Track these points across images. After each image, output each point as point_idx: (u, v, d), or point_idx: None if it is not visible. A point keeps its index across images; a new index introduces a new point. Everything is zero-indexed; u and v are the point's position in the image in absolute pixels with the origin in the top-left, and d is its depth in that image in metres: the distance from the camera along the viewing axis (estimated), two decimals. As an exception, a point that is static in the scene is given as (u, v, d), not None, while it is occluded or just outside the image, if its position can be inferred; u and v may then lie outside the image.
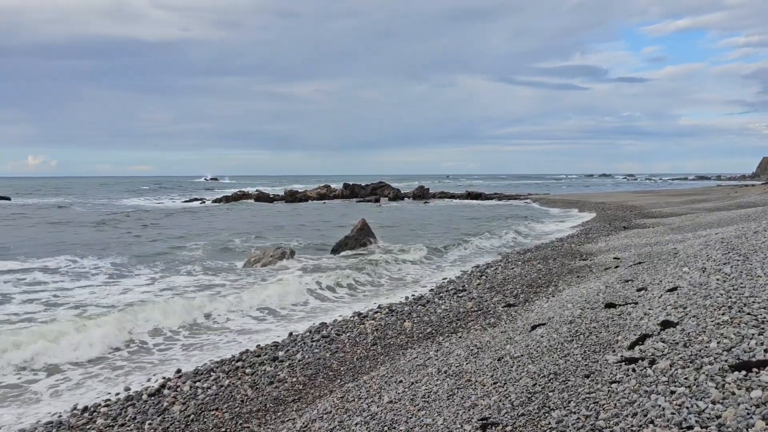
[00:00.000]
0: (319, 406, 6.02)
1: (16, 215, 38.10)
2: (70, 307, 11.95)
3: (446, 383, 5.55)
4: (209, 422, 6.24)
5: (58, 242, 22.91)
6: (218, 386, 7.34)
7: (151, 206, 49.39)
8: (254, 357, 8.48)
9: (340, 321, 10.41)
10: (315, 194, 57.10)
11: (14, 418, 6.76)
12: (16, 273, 15.89)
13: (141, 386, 7.59)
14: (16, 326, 10.37)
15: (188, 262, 17.86)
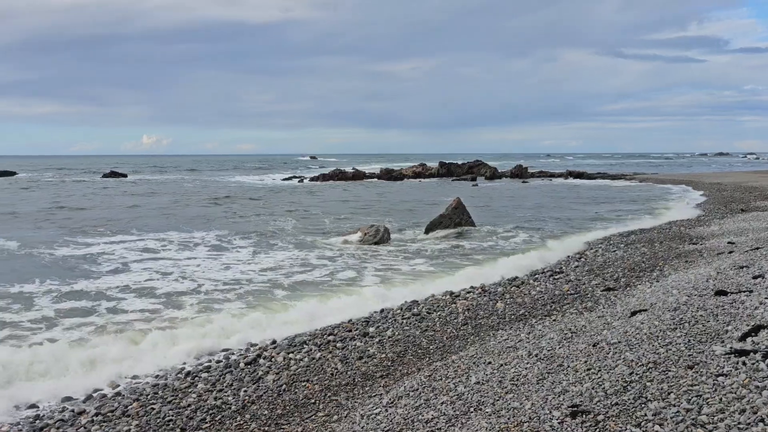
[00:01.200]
0: (406, 383, 6.02)
1: (132, 191, 40.91)
2: (184, 279, 12.67)
3: (536, 367, 5.37)
4: (300, 393, 6.41)
5: (167, 216, 24.38)
6: (310, 358, 7.53)
7: (253, 183, 51.42)
8: (345, 332, 8.61)
9: (431, 299, 10.35)
10: (410, 173, 57.18)
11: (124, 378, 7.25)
12: (129, 243, 17.07)
13: (239, 355, 7.91)
14: (142, 300, 11.16)
15: (284, 238, 18.43)
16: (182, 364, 7.68)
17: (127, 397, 6.60)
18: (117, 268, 13.89)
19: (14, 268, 13.63)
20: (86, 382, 7.07)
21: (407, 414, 4.97)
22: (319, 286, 11.98)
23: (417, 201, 32.11)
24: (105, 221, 22.62)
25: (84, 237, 18.54)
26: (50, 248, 16.40)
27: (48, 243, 17.26)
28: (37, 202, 31.43)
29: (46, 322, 9.49)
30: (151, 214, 25.28)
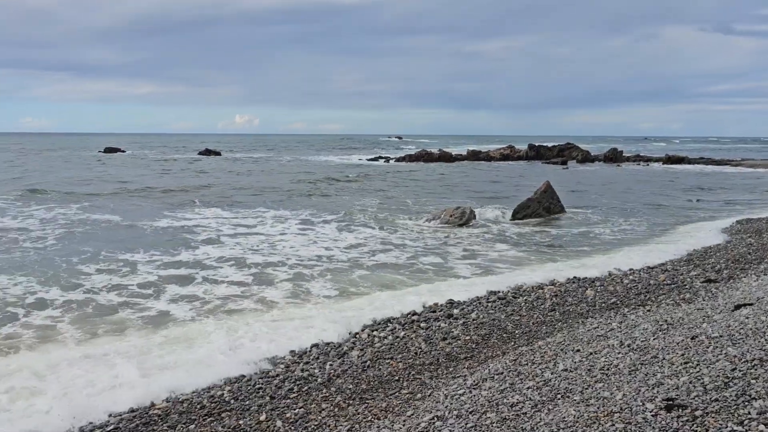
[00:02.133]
0: (490, 366, 5.96)
1: (226, 168, 42.59)
2: (274, 254, 13.12)
3: (629, 357, 5.17)
4: (384, 370, 6.49)
5: (258, 193, 25.22)
6: (394, 337, 7.60)
7: (339, 163, 52.20)
8: (430, 312, 8.63)
9: (518, 284, 10.18)
10: (498, 154, 56.17)
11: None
12: (223, 218, 17.83)
13: (326, 330, 8.10)
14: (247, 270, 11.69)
15: (369, 217, 18.63)
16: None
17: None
18: (212, 239, 14.62)
19: (121, 239, 14.60)
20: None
21: (491, 396, 4.93)
22: (401, 267, 12.04)
23: (504, 184, 31.55)
24: (200, 197, 23.71)
25: (182, 211, 19.53)
26: (151, 220, 17.40)
27: (149, 216, 18.33)
28: (142, 179, 33.34)
29: (153, 287, 10.27)
30: (242, 191, 26.24)
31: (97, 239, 14.46)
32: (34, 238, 14.52)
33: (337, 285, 10.48)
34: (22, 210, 19.32)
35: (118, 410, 5.69)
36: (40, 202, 21.21)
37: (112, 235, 15.07)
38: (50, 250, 13.18)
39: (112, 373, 6.51)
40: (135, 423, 5.42)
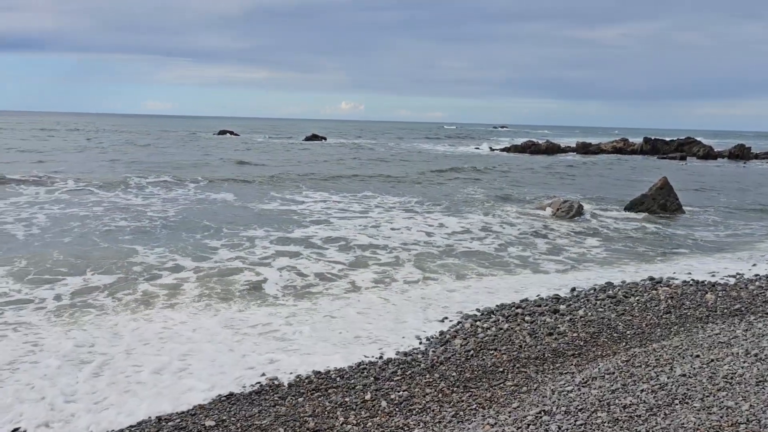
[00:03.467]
0: (600, 365, 5.77)
1: (331, 153, 43.64)
2: (377, 237, 13.36)
3: (756, 367, 4.83)
4: (487, 360, 6.45)
5: (364, 180, 25.65)
6: (497, 328, 7.52)
7: (443, 151, 51.99)
8: (534, 306, 8.46)
9: (629, 283, 9.76)
10: (610, 147, 53.75)
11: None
12: (329, 202, 18.33)
13: (429, 316, 8.17)
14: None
15: (473, 206, 18.45)
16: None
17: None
18: (319, 220, 15.16)
19: (236, 215, 15.45)
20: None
21: (602, 396, 4.77)
22: (505, 257, 11.87)
23: (616, 178, 30.18)
24: (308, 180, 24.47)
25: (290, 194, 20.26)
26: (261, 202, 18.21)
27: (260, 197, 19.17)
28: (252, 161, 34.87)
29: (271, 259, 11.15)
30: (348, 176, 26.81)
31: (216, 216, 15.39)
32: (160, 214, 15.61)
33: (437, 271, 10.51)
34: (146, 189, 20.81)
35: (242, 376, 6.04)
36: (162, 183, 22.73)
37: (228, 213, 15.94)
38: (175, 224, 14.26)
39: (236, 339, 6.93)
40: (248, 390, 5.72)
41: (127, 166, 27.76)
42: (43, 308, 8.07)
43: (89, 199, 17.47)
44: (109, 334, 7.10)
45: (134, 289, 9.05)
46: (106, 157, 33.53)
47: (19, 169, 23.55)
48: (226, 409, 5.31)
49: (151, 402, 5.42)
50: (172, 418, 5.15)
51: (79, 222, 14.04)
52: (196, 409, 5.33)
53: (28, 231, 12.93)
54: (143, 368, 6.16)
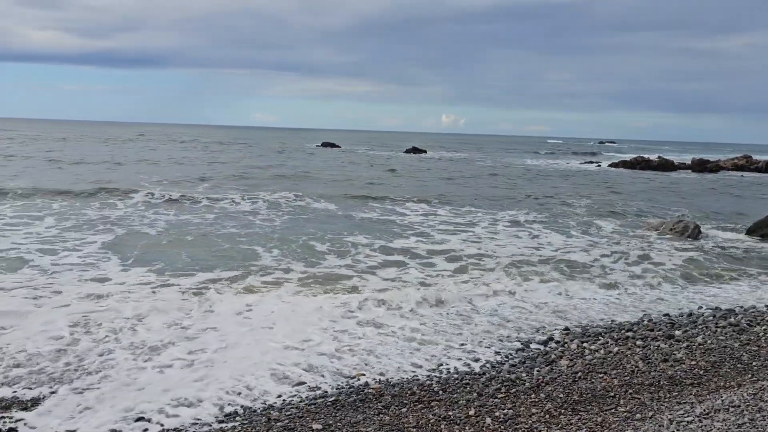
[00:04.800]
0: (724, 397, 5.38)
1: (432, 166, 43.75)
2: (479, 250, 13.25)
3: None
4: (597, 383, 6.19)
5: (466, 191, 25.50)
6: (606, 351, 7.22)
7: (545, 166, 50.71)
8: (646, 330, 8.06)
9: (753, 311, 9.07)
10: (730, 165, 50.27)
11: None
12: (432, 215, 18.36)
13: (529, 334, 7.97)
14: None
15: (577, 221, 17.83)
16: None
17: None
18: (422, 232, 15.30)
19: (339, 225, 15.86)
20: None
21: (727, 429, 4.45)
22: (611, 275, 11.40)
23: (737, 198, 28.16)
24: (407, 192, 24.66)
25: (392, 204, 20.49)
26: (362, 211, 18.57)
27: (361, 207, 19.53)
28: (353, 172, 35.63)
29: (378, 268, 11.58)
30: (450, 189, 26.77)
31: (319, 223, 15.91)
32: (267, 222, 16.29)
33: (537, 289, 10.23)
34: (252, 195, 21.79)
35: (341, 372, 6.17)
36: (263, 189, 23.70)
37: (331, 221, 16.40)
38: (282, 229, 14.99)
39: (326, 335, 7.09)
40: (353, 398, 5.81)
41: (229, 175, 29.25)
42: (185, 291, 9.33)
43: (200, 207, 18.52)
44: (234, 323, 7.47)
45: (257, 281, 10.06)
46: (212, 167, 35.49)
47: (140, 179, 25.41)
48: (332, 414, 5.42)
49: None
50: (280, 418, 5.33)
51: (194, 227, 14.93)
52: (303, 411, 5.48)
53: (156, 232, 13.96)
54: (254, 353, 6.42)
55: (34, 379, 5.98)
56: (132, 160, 37.19)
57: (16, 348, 6.68)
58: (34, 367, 6.24)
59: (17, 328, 7.29)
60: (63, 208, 16.75)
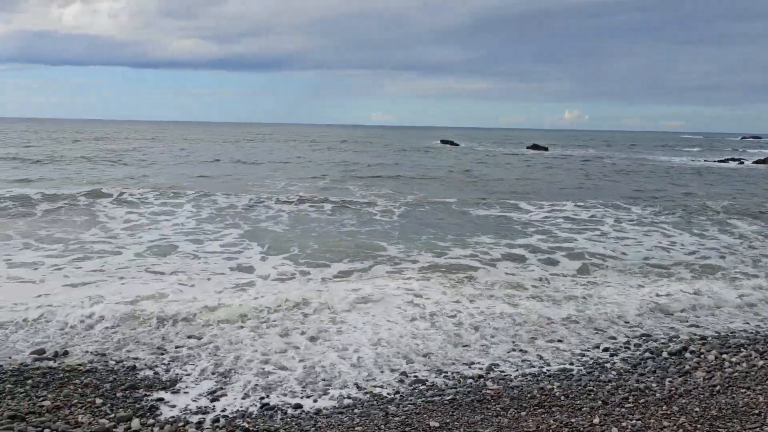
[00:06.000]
0: None
1: (553, 164, 42.33)
2: (603, 248, 12.66)
3: None
4: (738, 399, 5.67)
5: (591, 189, 24.41)
6: (749, 365, 6.63)
7: (680, 163, 47.37)
8: (799, 344, 7.29)
9: None
10: None
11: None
12: (556, 211, 17.75)
13: (660, 342, 7.48)
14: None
15: (715, 221, 16.48)
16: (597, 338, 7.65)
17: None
18: (545, 230, 14.98)
19: (458, 223, 15.80)
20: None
21: None
22: (751, 281, 10.42)
23: None
24: (527, 189, 24.05)
25: (514, 201, 20.06)
26: (480, 208, 18.35)
27: (477, 204, 19.31)
28: (473, 169, 35.28)
29: (497, 259, 11.77)
30: (574, 186, 25.82)
31: (440, 220, 16.05)
32: (386, 217, 16.55)
33: (671, 293, 9.52)
34: (371, 193, 22.20)
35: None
36: (383, 187, 24.04)
37: (452, 218, 16.39)
38: (402, 226, 15.25)
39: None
40: (470, 398, 5.74)
41: (351, 173, 29.96)
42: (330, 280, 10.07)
43: (322, 204, 19.15)
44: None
45: (383, 271, 10.52)
46: (334, 166, 36.55)
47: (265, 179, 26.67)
48: (449, 413, 5.39)
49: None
50: (398, 413, 5.36)
51: (316, 223, 15.47)
52: (420, 408, 5.49)
53: (282, 229, 14.65)
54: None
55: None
56: (262, 160, 39.26)
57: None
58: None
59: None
60: (200, 203, 17.96)
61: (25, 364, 6.14)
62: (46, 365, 6.13)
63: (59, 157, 35.63)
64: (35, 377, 5.81)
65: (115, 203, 17.38)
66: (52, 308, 7.76)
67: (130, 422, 4.98)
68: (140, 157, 37.33)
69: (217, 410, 5.34)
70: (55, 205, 16.56)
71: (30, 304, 8.00)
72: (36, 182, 22.49)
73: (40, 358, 6.31)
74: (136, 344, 6.83)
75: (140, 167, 30.73)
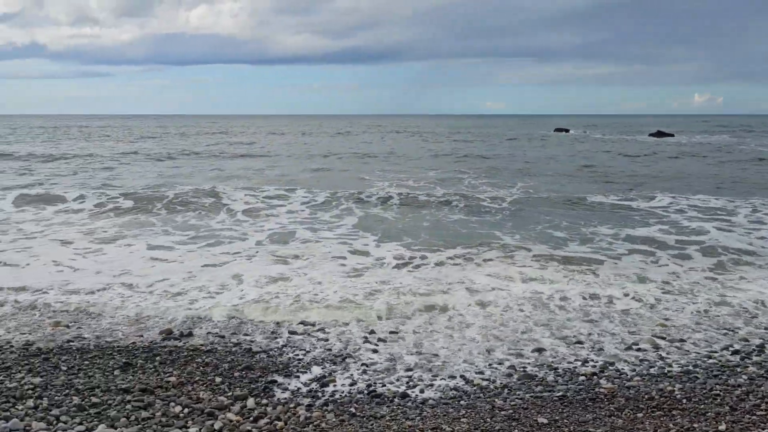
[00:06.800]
0: None
1: (677, 151, 39.60)
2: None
3: None
4: None
5: (715, 179, 22.63)
6: None
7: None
8: None
9: None
10: None
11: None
12: (673, 203, 16.62)
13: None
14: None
15: None
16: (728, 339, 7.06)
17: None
18: (672, 221, 14.24)
19: (573, 213, 15.32)
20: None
21: None
22: None
23: None
24: (652, 178, 22.70)
25: (636, 191, 19.01)
26: (596, 197, 17.56)
27: (593, 193, 18.46)
28: (591, 159, 33.81)
29: (621, 253, 11.16)
30: (699, 175, 24.08)
31: (550, 209, 15.67)
32: (494, 204, 16.29)
33: None
34: (481, 182, 21.84)
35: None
36: (494, 177, 23.58)
37: (564, 208, 15.90)
38: (513, 215, 15.05)
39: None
40: (582, 396, 5.51)
41: (461, 163, 29.65)
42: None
43: (429, 194, 19.15)
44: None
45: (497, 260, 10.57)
46: (442, 157, 36.36)
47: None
48: (558, 410, 5.21)
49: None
50: (504, 407, 5.26)
51: (426, 211, 15.53)
52: (528, 403, 5.35)
53: (392, 216, 14.85)
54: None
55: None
56: (374, 151, 39.94)
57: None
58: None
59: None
60: (314, 194, 18.57)
61: (154, 342, 6.65)
62: (173, 344, 6.59)
63: (187, 153, 38.24)
64: (162, 355, 6.28)
65: (237, 194, 18.37)
66: (185, 291, 8.53)
67: (245, 401, 5.24)
68: (260, 151, 39.22)
69: (326, 395, 5.49)
70: (185, 195, 17.80)
71: (172, 283, 8.90)
72: (168, 176, 24.32)
73: (168, 338, 6.80)
74: (253, 328, 7.18)
75: (259, 160, 32.33)
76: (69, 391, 5.33)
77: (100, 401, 5.14)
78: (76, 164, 29.07)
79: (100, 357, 6.17)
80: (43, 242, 11.77)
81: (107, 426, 4.70)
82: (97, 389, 5.37)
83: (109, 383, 5.51)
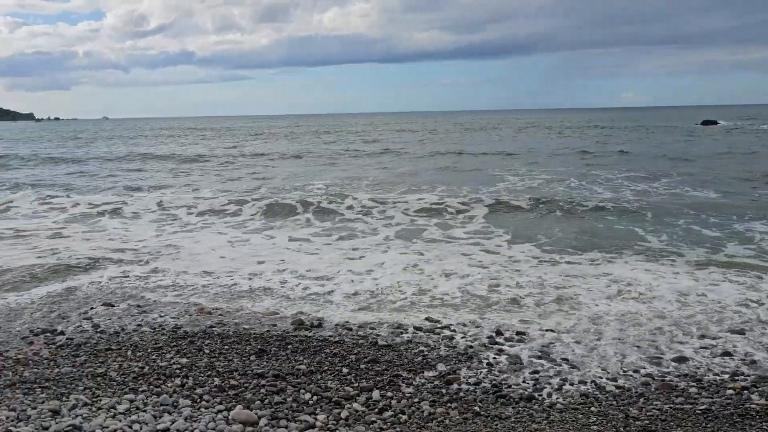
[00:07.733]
0: None
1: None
2: None
3: None
4: None
5: None
6: None
7: None
8: None
9: None
10: None
11: None
12: None
13: None
14: None
15: None
16: None
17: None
18: None
19: (725, 211, 14.14)
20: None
21: None
22: None
23: None
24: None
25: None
26: (747, 195, 16.04)
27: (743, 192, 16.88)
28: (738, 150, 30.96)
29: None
30: None
31: (698, 206, 14.82)
32: (642, 197, 15.37)
33: None
34: (615, 181, 20.70)
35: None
36: (631, 176, 22.23)
37: (715, 207, 14.76)
38: (654, 211, 14.04)
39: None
40: (729, 411, 5.04)
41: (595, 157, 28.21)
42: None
43: (561, 187, 18.40)
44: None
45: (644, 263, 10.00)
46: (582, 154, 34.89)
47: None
48: (701, 424, 4.77)
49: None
50: (640, 417, 4.93)
51: (558, 209, 15.01)
52: (666, 415, 4.97)
53: (522, 215, 14.53)
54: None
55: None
56: (504, 149, 39.29)
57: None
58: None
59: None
60: (440, 193, 18.60)
61: (287, 332, 6.98)
62: (304, 334, 6.88)
63: (310, 152, 39.85)
64: (294, 343, 6.57)
65: (366, 191, 18.84)
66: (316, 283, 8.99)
67: (371, 393, 5.35)
68: (391, 148, 39.95)
69: (450, 392, 5.46)
70: (316, 197, 18.53)
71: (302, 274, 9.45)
72: (302, 175, 25.57)
73: (299, 328, 7.11)
74: (379, 322, 7.31)
75: (389, 158, 32.96)
76: (211, 373, 5.74)
77: (237, 384, 5.49)
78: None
79: (238, 342, 6.59)
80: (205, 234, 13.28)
81: (243, 407, 5.01)
82: (235, 372, 5.74)
83: (246, 368, 5.87)
